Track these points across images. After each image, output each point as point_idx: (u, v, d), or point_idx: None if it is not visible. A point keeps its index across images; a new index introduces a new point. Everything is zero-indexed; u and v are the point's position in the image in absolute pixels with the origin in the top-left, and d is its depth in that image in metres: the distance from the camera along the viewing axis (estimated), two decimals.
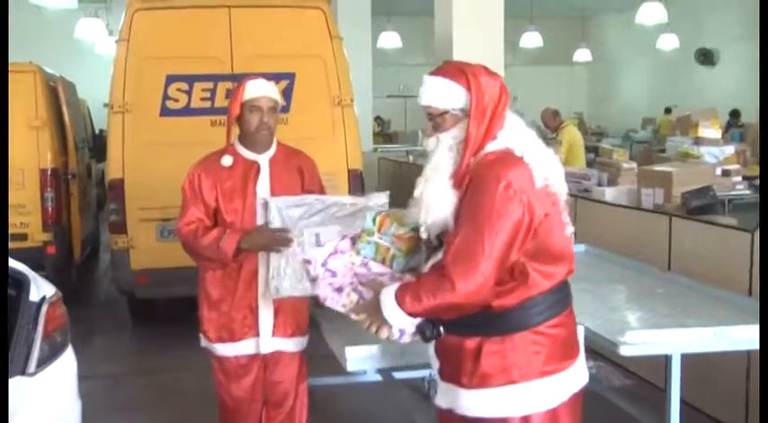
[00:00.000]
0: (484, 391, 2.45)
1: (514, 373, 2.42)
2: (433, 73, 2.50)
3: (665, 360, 3.44)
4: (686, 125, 9.47)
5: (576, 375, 2.55)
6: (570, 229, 2.49)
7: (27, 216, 7.27)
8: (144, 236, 6.19)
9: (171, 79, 6.22)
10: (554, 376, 2.46)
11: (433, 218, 2.43)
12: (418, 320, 2.45)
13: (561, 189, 2.46)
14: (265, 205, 3.42)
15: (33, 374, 3.18)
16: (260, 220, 3.46)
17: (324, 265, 2.70)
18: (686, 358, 3.40)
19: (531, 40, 17.11)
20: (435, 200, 2.42)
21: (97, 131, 10.87)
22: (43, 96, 7.39)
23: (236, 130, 3.62)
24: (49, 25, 14.98)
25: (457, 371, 2.49)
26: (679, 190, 5.84)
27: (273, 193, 3.48)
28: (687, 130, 9.33)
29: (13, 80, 7.10)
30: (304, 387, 3.74)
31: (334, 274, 2.69)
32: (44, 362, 3.23)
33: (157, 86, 6.19)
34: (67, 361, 3.42)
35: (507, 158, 2.38)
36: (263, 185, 3.52)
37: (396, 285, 2.43)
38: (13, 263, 3.50)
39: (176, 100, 6.25)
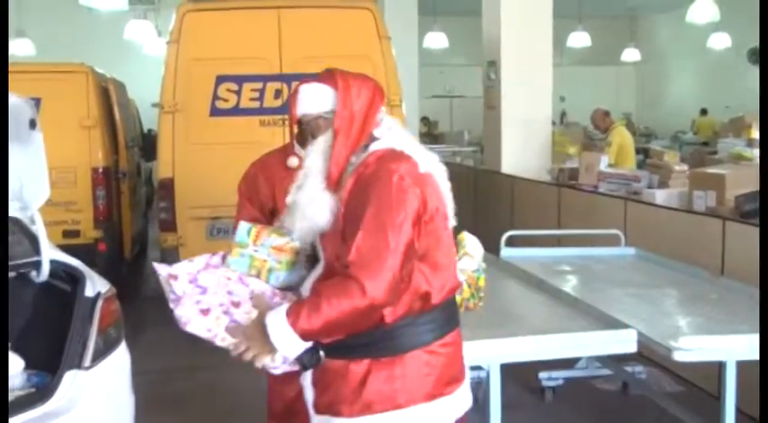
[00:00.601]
0: (366, 418, 2.28)
1: (401, 397, 2.27)
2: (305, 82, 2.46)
3: (719, 367, 3.38)
4: (739, 127, 9.31)
5: (462, 399, 2.42)
6: (453, 223, 2.43)
7: (79, 213, 7.39)
8: (193, 234, 6.27)
9: (221, 80, 6.30)
10: (441, 399, 2.32)
11: (308, 223, 2.33)
12: (307, 345, 2.24)
13: (445, 186, 2.42)
14: None
15: (89, 368, 3.24)
16: None
17: (193, 281, 2.42)
18: (740, 365, 3.35)
19: (579, 39, 16.94)
20: (309, 205, 2.32)
21: (146, 131, 11.02)
22: (95, 96, 7.51)
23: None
24: (99, 27, 15.21)
25: (336, 400, 2.31)
26: (732, 193, 5.72)
27: None
28: (740, 131, 9.17)
29: (65, 80, 7.28)
30: None
31: (204, 291, 2.41)
32: (99, 356, 3.29)
33: (207, 87, 6.28)
34: (121, 356, 3.47)
35: (395, 154, 2.32)
36: None
37: (284, 305, 2.24)
38: (68, 259, 3.58)
39: (226, 100, 6.34)
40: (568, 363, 4.97)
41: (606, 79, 20.80)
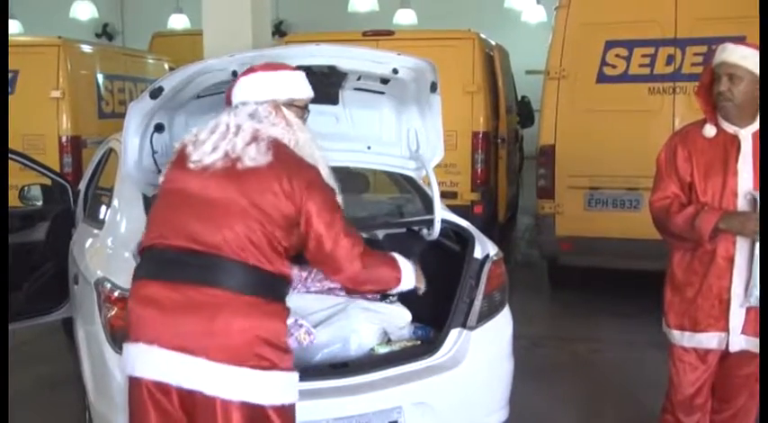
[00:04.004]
0: None
1: None
2: None
3: None
4: None
5: None
6: None
7: (457, 175, 7.63)
8: (571, 203, 6.18)
9: (610, 45, 6.09)
10: None
11: None
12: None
13: None
14: (753, 202, 3.05)
15: (473, 329, 3.30)
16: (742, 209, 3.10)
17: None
18: None
19: None
20: None
21: (519, 98, 11.10)
22: (480, 63, 7.66)
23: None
24: None
25: None
26: None
27: (757, 173, 3.08)
28: None
29: (454, 47, 7.50)
30: (756, 389, 3.25)
31: None
32: (483, 318, 3.35)
33: (596, 53, 6.10)
34: (504, 319, 3.50)
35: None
36: (744, 164, 3.10)
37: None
38: (459, 220, 3.67)
39: (614, 66, 6.11)
40: None
41: None
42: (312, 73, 3.26)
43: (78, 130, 7.90)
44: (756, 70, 3.04)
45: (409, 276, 2.87)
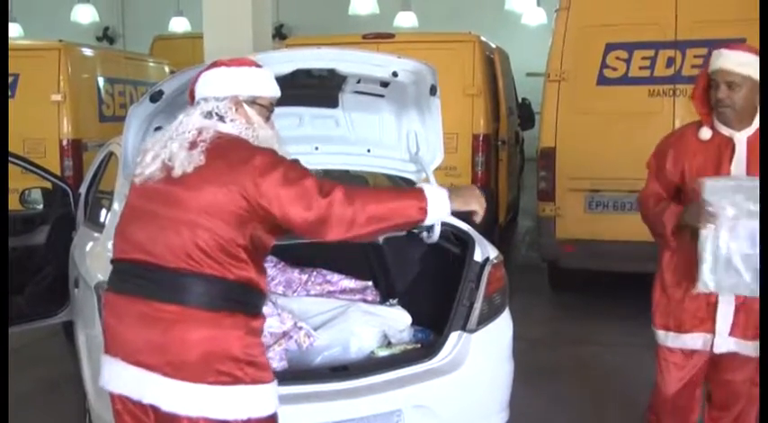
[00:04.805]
0: None
1: None
2: None
3: None
4: None
5: None
6: None
7: (458, 178, 7.60)
8: (571, 205, 6.18)
9: (610, 47, 6.09)
10: None
11: None
12: None
13: None
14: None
15: (473, 331, 3.30)
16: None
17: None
18: None
19: None
20: None
21: (520, 100, 11.10)
22: (480, 65, 7.66)
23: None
24: None
25: None
26: None
27: (750, 175, 3.06)
28: None
29: (453, 49, 7.50)
30: (756, 394, 3.26)
31: None
32: (483, 321, 3.34)
33: (596, 55, 6.10)
34: (505, 322, 3.50)
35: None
36: (738, 168, 3.09)
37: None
38: (459, 223, 3.66)
39: (614, 69, 6.11)
40: None
41: None
42: (312, 76, 3.28)
43: (79, 133, 7.90)
44: (756, 75, 3.02)
45: (440, 203, 2.48)
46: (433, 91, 3.55)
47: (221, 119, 2.48)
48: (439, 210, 2.48)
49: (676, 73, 6.02)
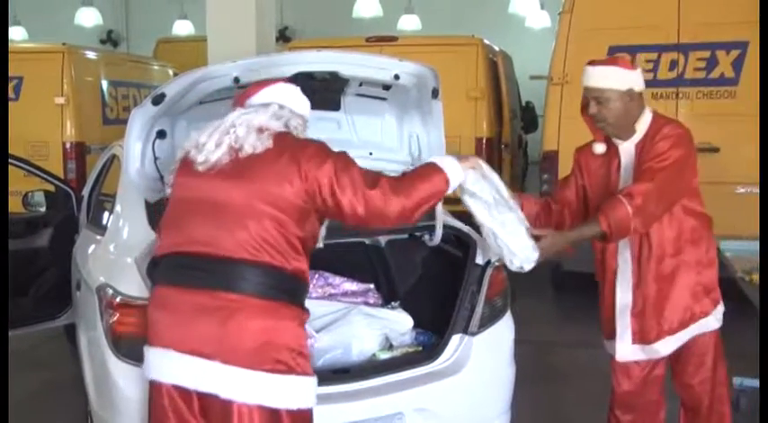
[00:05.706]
0: None
1: None
2: None
3: None
4: None
5: None
6: None
7: None
8: None
9: (613, 50, 6.06)
10: None
11: None
12: None
13: None
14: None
15: (474, 334, 3.31)
16: None
17: None
18: None
19: None
20: None
21: (523, 103, 11.10)
22: (483, 68, 7.69)
23: None
24: (485, 0, 15.62)
25: None
26: None
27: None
28: None
29: (457, 52, 7.52)
30: (722, 393, 3.30)
31: None
32: (485, 323, 3.35)
33: (599, 58, 6.07)
34: (506, 325, 3.50)
35: None
36: (625, 177, 3.15)
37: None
38: (461, 226, 3.66)
39: None
40: None
41: None
42: (314, 79, 3.28)
43: (82, 136, 7.93)
44: (621, 85, 3.05)
45: (454, 168, 2.72)
46: (435, 94, 3.54)
47: (286, 127, 2.64)
48: (457, 175, 2.71)
49: (679, 76, 6.02)
